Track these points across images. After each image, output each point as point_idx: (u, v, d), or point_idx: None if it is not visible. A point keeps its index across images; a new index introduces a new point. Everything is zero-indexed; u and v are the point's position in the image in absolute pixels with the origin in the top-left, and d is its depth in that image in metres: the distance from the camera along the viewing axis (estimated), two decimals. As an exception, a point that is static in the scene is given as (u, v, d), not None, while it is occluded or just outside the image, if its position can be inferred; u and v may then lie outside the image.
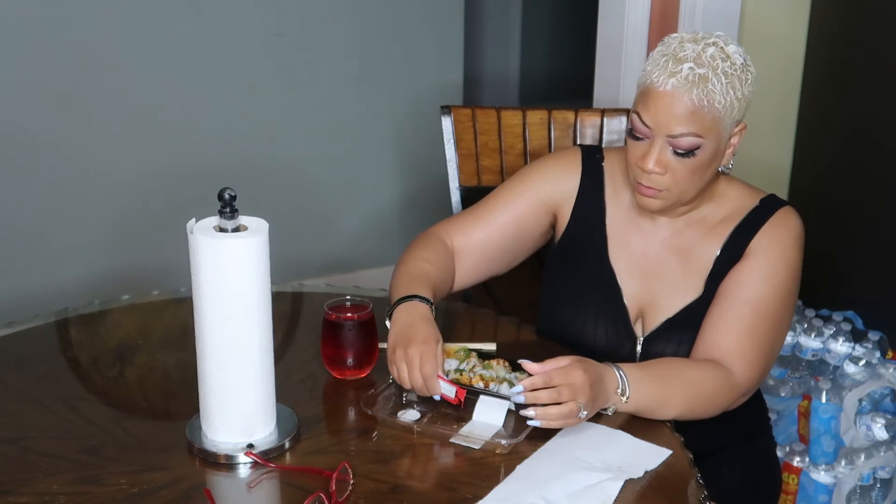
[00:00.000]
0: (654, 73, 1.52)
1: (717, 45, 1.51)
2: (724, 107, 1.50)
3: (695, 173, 1.55)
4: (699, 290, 1.64)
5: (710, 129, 1.51)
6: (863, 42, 2.58)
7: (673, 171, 1.54)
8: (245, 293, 1.33)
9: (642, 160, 1.55)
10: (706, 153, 1.53)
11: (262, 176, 3.28)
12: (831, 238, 2.68)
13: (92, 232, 3.10)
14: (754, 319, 1.57)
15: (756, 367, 1.58)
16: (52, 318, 1.78)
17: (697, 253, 1.65)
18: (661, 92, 1.50)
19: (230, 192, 1.31)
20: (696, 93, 1.48)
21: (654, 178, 1.55)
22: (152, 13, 3.03)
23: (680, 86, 1.49)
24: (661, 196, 1.58)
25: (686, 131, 1.51)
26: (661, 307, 1.66)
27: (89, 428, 1.46)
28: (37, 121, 2.94)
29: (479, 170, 2.20)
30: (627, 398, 1.46)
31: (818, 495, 2.28)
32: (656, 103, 1.51)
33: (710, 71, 1.49)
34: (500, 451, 1.39)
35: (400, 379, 1.49)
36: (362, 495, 1.30)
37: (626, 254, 1.68)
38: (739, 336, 1.57)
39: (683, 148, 1.52)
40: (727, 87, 1.50)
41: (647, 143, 1.55)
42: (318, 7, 3.28)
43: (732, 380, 1.55)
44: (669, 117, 1.50)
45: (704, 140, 1.52)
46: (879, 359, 2.37)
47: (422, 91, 3.49)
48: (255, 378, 1.37)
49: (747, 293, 1.58)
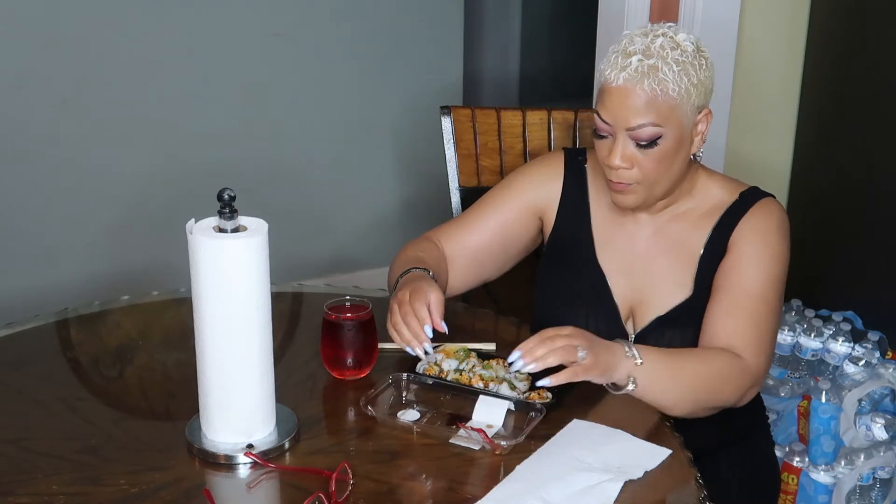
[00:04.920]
0: (606, 70, 1.55)
1: (665, 36, 1.55)
2: (678, 94, 1.53)
3: (661, 163, 1.57)
4: (689, 289, 1.65)
5: (669, 117, 1.54)
6: (863, 42, 2.58)
7: (639, 163, 1.57)
8: (245, 293, 1.33)
9: (608, 157, 1.58)
10: (668, 142, 1.56)
11: (261, 176, 3.28)
12: (831, 238, 2.69)
13: (92, 232, 3.10)
14: (752, 306, 1.60)
15: (763, 352, 1.60)
16: (52, 318, 1.78)
17: (683, 249, 1.67)
18: (614, 87, 1.54)
19: (229, 192, 1.31)
20: (647, 83, 1.51)
21: (622, 173, 1.58)
22: (152, 13, 3.03)
23: (631, 78, 1.52)
24: (632, 191, 1.60)
25: (644, 122, 1.53)
26: (651, 305, 1.67)
27: (89, 428, 1.46)
28: (37, 120, 2.95)
29: (478, 170, 2.20)
30: (641, 361, 1.49)
31: (818, 495, 2.28)
32: (612, 99, 1.54)
33: (660, 60, 1.52)
34: (499, 452, 1.39)
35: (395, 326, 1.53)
36: (362, 495, 1.30)
37: (613, 252, 1.71)
38: (741, 323, 1.59)
39: (644, 139, 1.55)
40: (679, 74, 1.53)
41: (610, 140, 1.58)
42: (318, 7, 3.28)
43: (744, 363, 1.57)
44: (625, 110, 1.53)
45: (664, 129, 1.54)
46: (879, 359, 2.37)
47: (422, 91, 3.49)
48: (254, 378, 1.37)
49: (742, 283, 1.60)
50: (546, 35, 5.02)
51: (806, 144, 2.85)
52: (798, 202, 2.81)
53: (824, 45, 2.74)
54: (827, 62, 2.74)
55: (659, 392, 1.51)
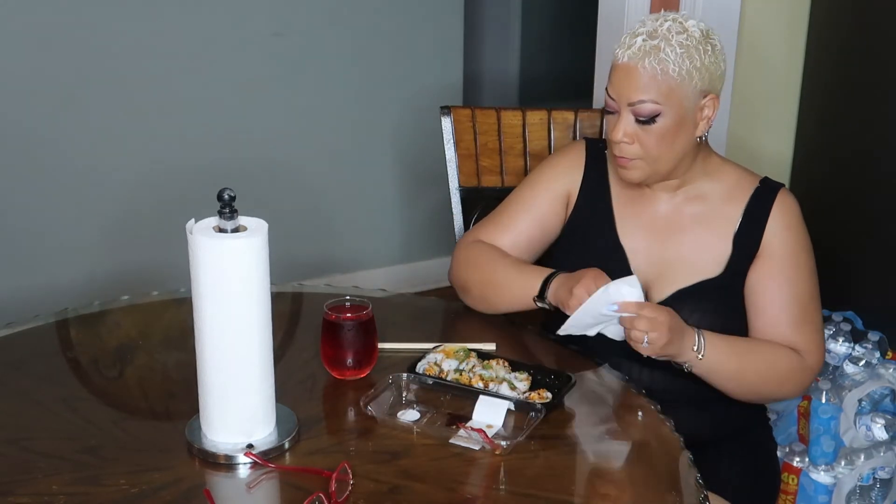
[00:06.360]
0: (617, 51, 1.64)
1: (675, 21, 1.63)
2: (679, 75, 1.59)
3: (662, 141, 1.64)
4: (720, 268, 1.72)
5: (668, 96, 1.60)
6: (864, 40, 2.58)
7: (640, 140, 1.64)
8: (245, 293, 1.33)
9: (612, 132, 1.66)
10: (668, 121, 1.62)
11: (261, 176, 3.29)
12: (831, 238, 2.68)
13: (92, 232, 3.10)
14: (804, 309, 1.71)
15: (821, 348, 1.73)
16: (52, 318, 1.78)
17: (713, 227, 1.73)
18: (620, 65, 1.63)
19: (229, 192, 1.31)
20: (648, 62, 1.59)
21: (623, 147, 1.66)
22: (152, 13, 3.03)
23: (634, 56, 1.60)
24: (634, 166, 1.68)
25: (644, 98, 1.61)
26: (672, 279, 1.72)
27: (89, 428, 1.46)
28: (37, 120, 2.95)
29: (478, 170, 2.19)
30: (703, 356, 1.60)
31: (818, 495, 2.27)
32: (617, 75, 1.64)
33: (664, 42, 1.59)
34: (499, 452, 1.39)
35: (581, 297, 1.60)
36: (362, 495, 1.30)
37: (633, 229, 1.77)
38: (798, 329, 1.69)
39: (644, 115, 1.62)
40: (682, 56, 1.59)
41: (616, 116, 1.66)
42: (318, 7, 3.28)
43: (805, 362, 1.69)
44: (628, 86, 1.62)
45: (663, 107, 1.61)
46: (879, 359, 2.37)
47: (422, 91, 3.49)
48: (254, 378, 1.37)
49: (791, 289, 1.70)
50: (546, 35, 5.02)
51: (806, 144, 2.84)
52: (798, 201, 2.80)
53: (826, 37, 2.74)
54: (828, 53, 2.74)
55: (717, 382, 1.65)
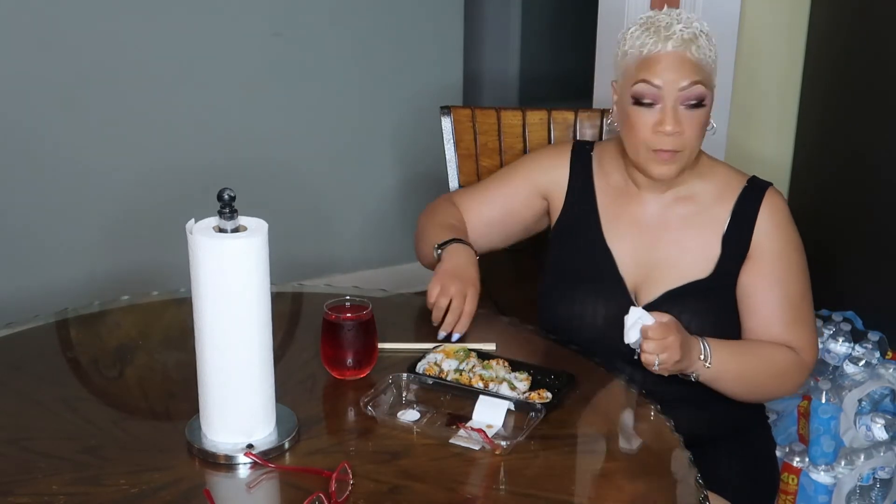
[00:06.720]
0: (647, 45, 1.64)
1: (685, 14, 1.67)
2: (712, 61, 1.66)
3: (701, 129, 1.67)
4: (709, 270, 1.72)
5: (708, 81, 1.66)
6: (864, 40, 2.58)
7: (687, 126, 1.65)
8: (245, 293, 1.33)
9: (660, 125, 1.64)
10: (707, 107, 1.67)
11: (261, 176, 3.28)
12: (831, 238, 2.69)
13: (92, 232, 3.10)
14: (797, 308, 1.72)
15: (815, 345, 1.74)
16: (52, 318, 1.78)
17: (702, 229, 1.74)
18: (663, 54, 1.63)
19: (229, 192, 1.30)
20: (693, 48, 1.63)
21: (671, 139, 1.65)
22: (153, 13, 3.03)
23: (679, 45, 1.63)
24: (677, 159, 1.67)
25: (696, 79, 1.63)
26: (660, 280, 1.73)
27: (89, 428, 1.46)
28: (37, 121, 2.95)
29: (478, 170, 2.20)
30: (710, 365, 1.62)
31: (818, 495, 2.27)
32: (662, 64, 1.63)
33: (696, 31, 1.65)
34: (499, 452, 1.39)
35: (437, 307, 1.67)
36: (362, 495, 1.30)
37: (620, 231, 1.78)
38: (791, 328, 1.71)
39: (694, 98, 1.64)
40: (710, 44, 1.66)
41: (657, 108, 1.65)
42: (318, 7, 3.28)
43: (802, 360, 1.71)
44: (677, 72, 1.63)
45: (707, 91, 1.65)
46: (879, 359, 2.37)
47: (421, 91, 3.49)
48: (254, 378, 1.37)
49: (783, 288, 1.71)
50: (546, 35, 5.02)
51: (806, 145, 2.84)
52: (798, 203, 2.81)
53: (826, 38, 2.74)
54: (828, 54, 2.74)
55: (721, 387, 1.67)
